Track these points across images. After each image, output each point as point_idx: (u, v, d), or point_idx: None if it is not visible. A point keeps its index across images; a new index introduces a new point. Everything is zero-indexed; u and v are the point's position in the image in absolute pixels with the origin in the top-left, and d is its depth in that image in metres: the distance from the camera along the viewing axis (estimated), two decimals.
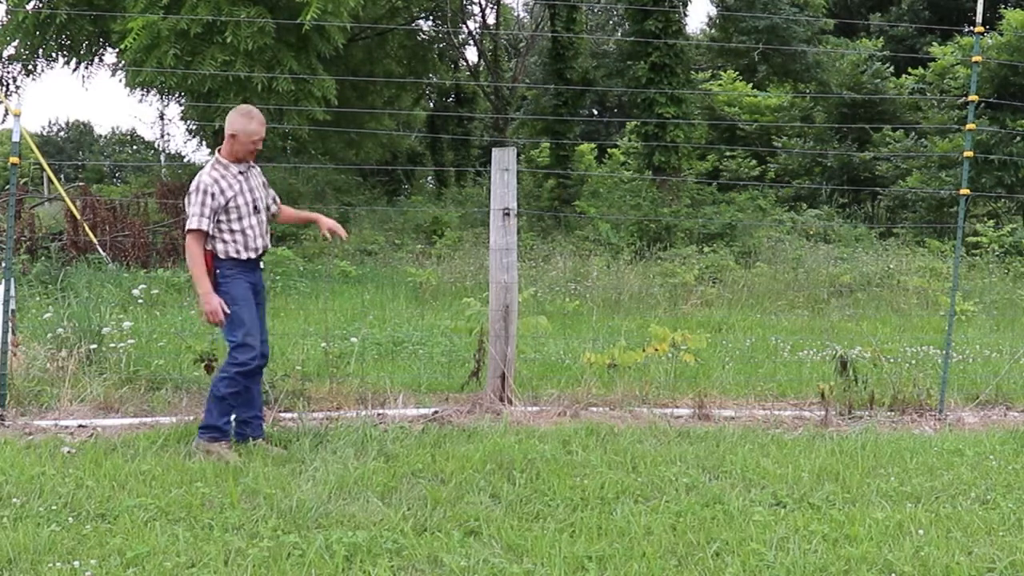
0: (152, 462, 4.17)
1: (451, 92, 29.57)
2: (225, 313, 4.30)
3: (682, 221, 15.13)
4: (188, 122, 22.17)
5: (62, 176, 24.84)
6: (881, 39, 24.54)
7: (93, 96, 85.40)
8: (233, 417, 4.64)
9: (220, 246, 4.38)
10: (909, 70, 21.97)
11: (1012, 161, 16.13)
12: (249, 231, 4.44)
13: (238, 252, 4.40)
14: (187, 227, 4.31)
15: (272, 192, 4.75)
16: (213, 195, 4.33)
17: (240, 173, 4.46)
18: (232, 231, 4.39)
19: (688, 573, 3.13)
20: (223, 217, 4.36)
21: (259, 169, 4.68)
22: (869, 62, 21.95)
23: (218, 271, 4.39)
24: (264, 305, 4.65)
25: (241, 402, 4.57)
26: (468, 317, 7.36)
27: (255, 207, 4.48)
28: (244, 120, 4.44)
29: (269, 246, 4.63)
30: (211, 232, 4.35)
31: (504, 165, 5.49)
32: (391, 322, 8.46)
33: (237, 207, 4.39)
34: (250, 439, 4.54)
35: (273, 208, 4.74)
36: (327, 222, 4.81)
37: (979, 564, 3.25)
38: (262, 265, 4.63)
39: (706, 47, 23.69)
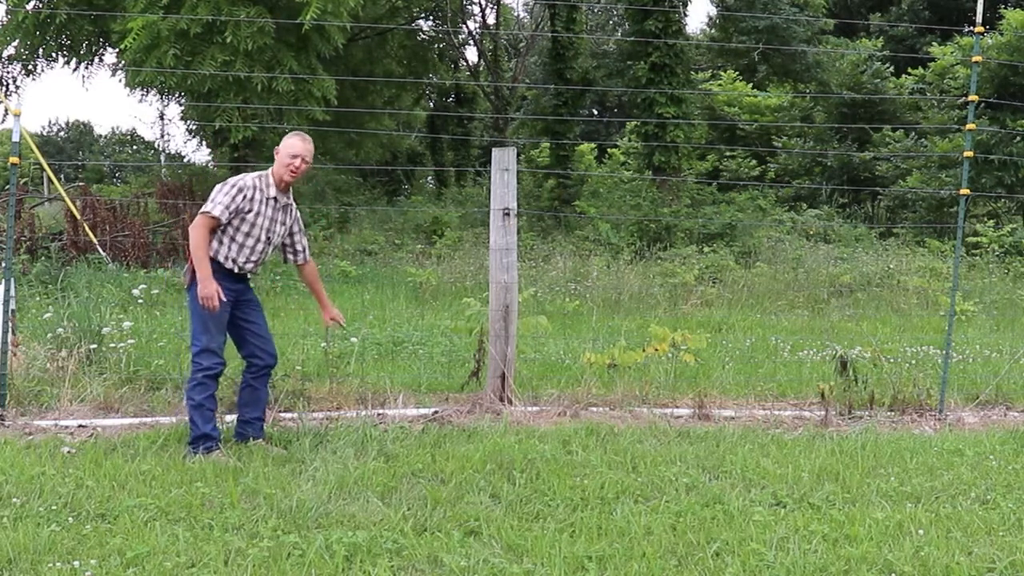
0: (152, 462, 4.17)
1: (451, 92, 29.55)
2: (215, 305, 4.27)
3: (682, 221, 15.13)
4: (188, 122, 22.19)
5: (62, 176, 24.83)
6: (881, 39, 24.53)
7: (93, 96, 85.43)
8: (236, 417, 4.66)
9: (215, 245, 4.39)
10: (909, 70, 21.98)
11: (1012, 161, 16.13)
12: (247, 249, 4.44)
13: (225, 259, 4.40)
14: (205, 210, 4.30)
15: (305, 242, 4.77)
16: (245, 197, 4.36)
17: (274, 199, 4.47)
18: (233, 239, 4.40)
19: (688, 573, 3.13)
20: (235, 222, 4.37)
21: (299, 214, 4.70)
22: (869, 62, 21.94)
23: None
24: (258, 309, 4.63)
25: (246, 402, 4.60)
26: (468, 317, 7.36)
27: (267, 237, 4.50)
28: (288, 137, 4.51)
29: (257, 273, 4.64)
30: (220, 227, 4.36)
31: (504, 165, 5.49)
32: (391, 322, 8.46)
33: (252, 224, 4.41)
34: (250, 439, 4.54)
35: (298, 259, 4.76)
36: (331, 310, 4.87)
37: (979, 564, 3.25)
38: (249, 276, 4.61)
39: (706, 47, 23.68)
